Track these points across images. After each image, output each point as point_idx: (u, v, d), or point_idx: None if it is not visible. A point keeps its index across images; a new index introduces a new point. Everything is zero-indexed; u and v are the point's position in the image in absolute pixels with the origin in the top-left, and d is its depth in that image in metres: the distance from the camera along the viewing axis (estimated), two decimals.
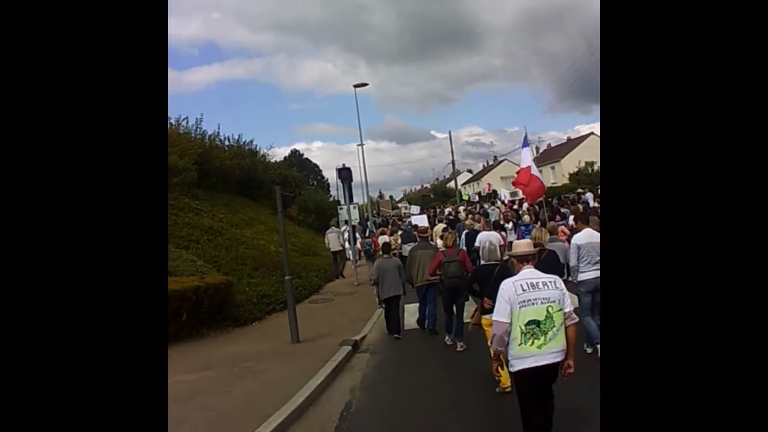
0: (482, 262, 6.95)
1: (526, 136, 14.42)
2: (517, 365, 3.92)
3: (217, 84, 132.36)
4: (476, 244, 10.35)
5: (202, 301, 9.54)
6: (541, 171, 16.68)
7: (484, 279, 6.36)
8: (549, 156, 51.99)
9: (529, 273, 4.07)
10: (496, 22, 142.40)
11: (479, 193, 43.90)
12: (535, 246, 6.41)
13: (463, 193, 48.72)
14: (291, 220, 27.02)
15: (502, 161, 60.63)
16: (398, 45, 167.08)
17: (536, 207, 18.17)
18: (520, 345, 3.87)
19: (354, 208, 21.70)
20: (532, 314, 3.86)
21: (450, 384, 6.45)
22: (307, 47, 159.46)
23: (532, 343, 3.85)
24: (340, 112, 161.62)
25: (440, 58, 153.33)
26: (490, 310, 5.67)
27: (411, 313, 10.41)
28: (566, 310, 3.94)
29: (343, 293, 14.30)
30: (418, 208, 34.24)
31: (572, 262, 7.03)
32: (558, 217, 14.92)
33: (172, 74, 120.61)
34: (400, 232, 17.42)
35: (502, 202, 27.35)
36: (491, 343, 4.12)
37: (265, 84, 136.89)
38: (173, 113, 21.85)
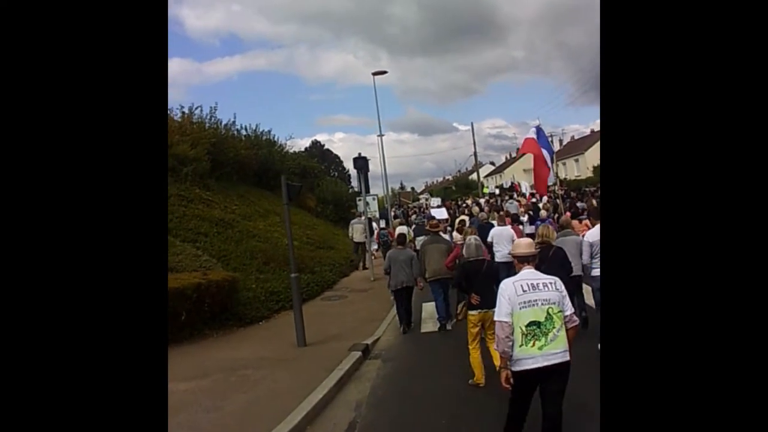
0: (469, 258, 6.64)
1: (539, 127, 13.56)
2: (518, 366, 3.85)
3: (238, 75, 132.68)
4: (488, 238, 9.91)
5: (203, 300, 8.88)
6: (564, 164, 15.63)
7: (472, 275, 6.23)
8: (573, 148, 50.59)
9: (529, 273, 4.05)
10: (518, 14, 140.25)
11: (501, 186, 42.99)
12: (542, 243, 6.74)
13: (484, 185, 47.73)
14: (309, 211, 26.43)
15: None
16: (420, 37, 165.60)
17: (556, 201, 17.64)
18: (521, 346, 3.82)
19: (373, 199, 21.01)
20: (533, 315, 3.83)
21: (468, 399, 5.68)
22: (328, 39, 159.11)
23: (533, 344, 3.80)
24: (362, 103, 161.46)
25: (462, 50, 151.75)
26: (477, 306, 5.97)
27: (429, 314, 9.67)
28: (567, 313, 3.92)
29: (358, 289, 13.56)
30: (438, 200, 33.46)
31: (585, 260, 6.98)
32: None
33: (192, 65, 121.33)
34: (413, 226, 16.98)
35: (523, 195, 26.50)
36: (496, 346, 4.00)
37: (286, 75, 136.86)
38: (194, 104, 21.34)
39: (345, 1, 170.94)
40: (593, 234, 6.78)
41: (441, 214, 17.83)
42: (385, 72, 22.55)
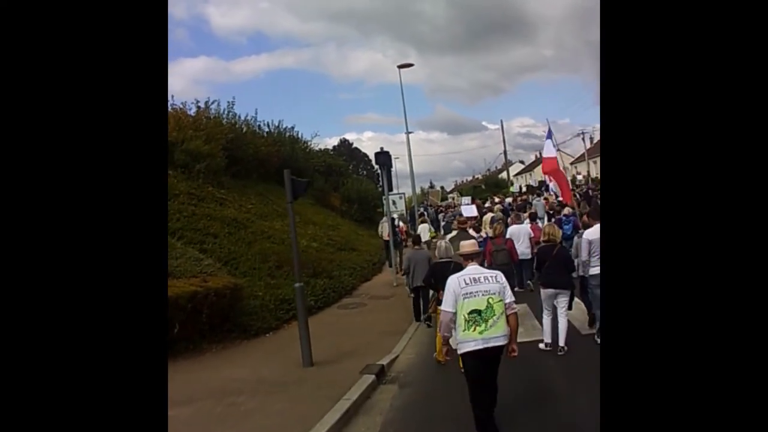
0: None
1: (549, 129, 13.06)
2: (462, 348, 4.42)
3: (265, 74, 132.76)
4: (507, 235, 10.16)
5: (200, 310, 7.90)
6: (595, 162, 14.52)
7: (441, 274, 6.54)
8: None
9: (472, 269, 4.65)
10: (547, 12, 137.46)
11: (529, 186, 41.78)
12: (548, 242, 7.19)
13: (512, 184, 46.44)
14: (333, 210, 25.53)
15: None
16: (449, 35, 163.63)
17: (578, 197, 17.33)
18: (464, 331, 4.37)
19: (400, 198, 20.02)
20: (474, 305, 4.37)
21: None
22: (357, 37, 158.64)
23: (474, 329, 4.34)
24: (391, 102, 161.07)
25: (491, 48, 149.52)
26: None
27: None
28: (507, 301, 4.45)
29: (378, 296, 12.44)
30: (469, 198, 32.64)
31: (583, 257, 7.00)
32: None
33: (218, 64, 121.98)
34: (443, 223, 17.90)
35: (554, 194, 25.53)
36: (440, 329, 4.75)
37: (314, 74, 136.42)
38: (210, 98, 20.61)
39: None
40: (591, 233, 6.90)
41: (471, 211, 17.60)
42: (411, 65, 21.59)
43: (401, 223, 18.80)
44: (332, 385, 6.18)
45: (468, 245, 4.91)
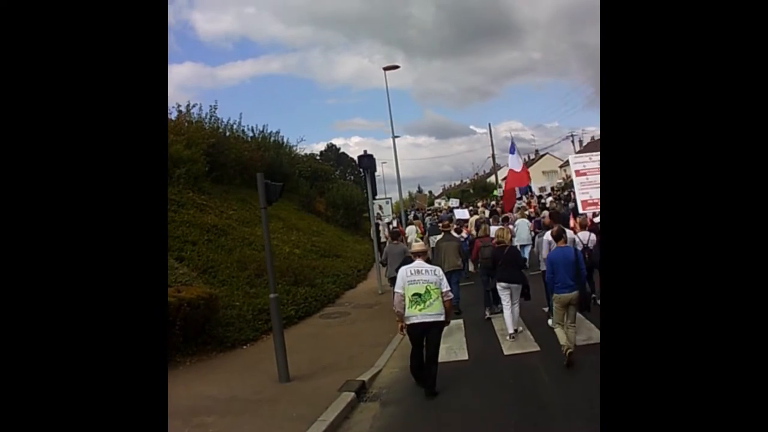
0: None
1: (512, 143, 13.85)
2: (407, 321, 5.99)
3: (252, 79, 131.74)
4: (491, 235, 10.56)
5: (173, 322, 7.52)
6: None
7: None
8: (594, 148, 49.18)
9: (418, 264, 6.21)
10: (535, 15, 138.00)
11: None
12: (499, 243, 8.36)
13: (501, 187, 46.66)
14: (318, 216, 25.17)
15: (543, 155, 59.65)
16: (437, 39, 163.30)
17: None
18: (408, 308, 5.94)
19: (387, 203, 19.84)
20: (416, 289, 5.94)
21: None
22: (343, 42, 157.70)
23: (415, 308, 5.90)
24: (378, 106, 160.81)
25: (480, 51, 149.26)
26: None
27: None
28: (443, 290, 6.00)
29: (363, 305, 12.09)
30: (457, 201, 32.52)
31: (544, 255, 8.09)
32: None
33: (204, 69, 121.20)
34: (428, 226, 18.58)
35: (535, 197, 25.88)
36: (393, 307, 6.28)
37: (301, 79, 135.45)
38: (206, 108, 20.33)
39: (360, 2, 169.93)
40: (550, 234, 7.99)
41: (463, 214, 18.20)
42: (397, 67, 21.21)
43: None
44: (309, 404, 5.84)
45: (417, 246, 6.70)
